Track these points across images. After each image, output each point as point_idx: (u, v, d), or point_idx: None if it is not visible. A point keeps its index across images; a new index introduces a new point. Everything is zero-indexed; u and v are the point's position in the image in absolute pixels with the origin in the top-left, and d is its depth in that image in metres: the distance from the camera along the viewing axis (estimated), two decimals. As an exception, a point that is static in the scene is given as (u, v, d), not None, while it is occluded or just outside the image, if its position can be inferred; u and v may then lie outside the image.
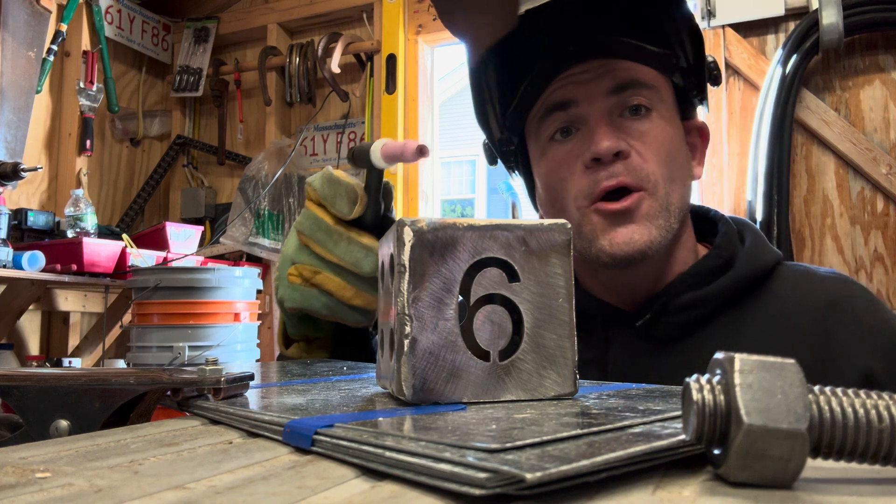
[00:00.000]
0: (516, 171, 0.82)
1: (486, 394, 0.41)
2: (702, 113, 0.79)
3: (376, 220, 0.65)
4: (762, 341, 0.68)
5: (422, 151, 0.58)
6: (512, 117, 0.75)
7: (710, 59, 0.73)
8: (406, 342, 0.39)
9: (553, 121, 0.71)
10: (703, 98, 0.75)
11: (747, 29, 2.14)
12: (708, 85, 0.75)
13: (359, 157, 0.63)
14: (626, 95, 0.68)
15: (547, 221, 0.43)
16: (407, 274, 0.40)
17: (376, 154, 0.61)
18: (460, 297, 0.41)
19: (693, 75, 0.73)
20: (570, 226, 0.43)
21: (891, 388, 0.64)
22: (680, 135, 0.73)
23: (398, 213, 2.50)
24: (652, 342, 0.70)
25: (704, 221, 0.79)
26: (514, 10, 0.65)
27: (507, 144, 0.79)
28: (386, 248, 0.45)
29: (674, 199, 0.69)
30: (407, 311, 0.39)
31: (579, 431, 0.30)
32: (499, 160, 0.82)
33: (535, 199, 0.80)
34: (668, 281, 0.72)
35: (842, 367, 0.65)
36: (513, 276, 0.42)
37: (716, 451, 0.27)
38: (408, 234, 0.40)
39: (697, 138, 0.77)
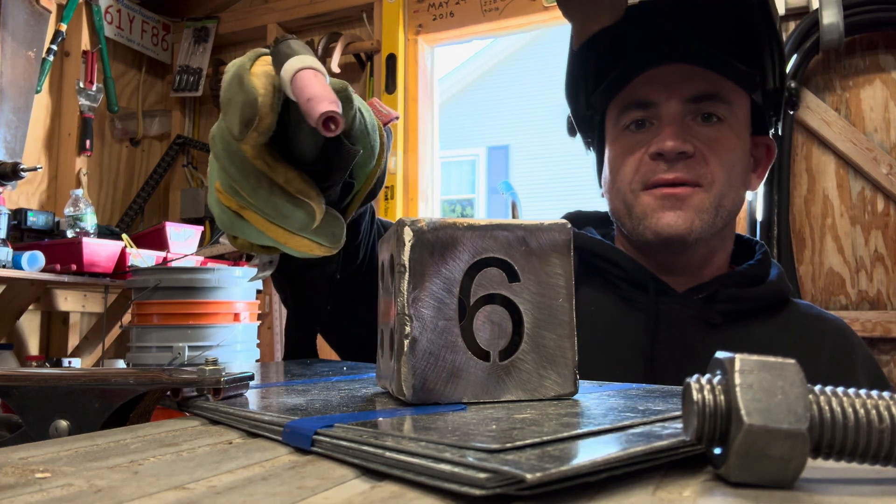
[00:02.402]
0: (592, 147, 0.89)
1: (486, 394, 0.40)
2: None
3: (314, 152, 0.44)
4: (789, 347, 0.75)
5: (328, 125, 0.37)
6: (598, 98, 0.81)
7: (791, 85, 0.78)
8: (406, 342, 0.39)
9: (632, 114, 0.77)
10: (777, 120, 0.81)
11: (747, 29, 2.14)
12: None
13: (275, 57, 0.42)
14: (702, 105, 0.74)
15: (547, 221, 0.42)
16: (407, 274, 0.40)
17: (287, 75, 0.39)
18: (460, 297, 0.41)
19: (772, 97, 0.78)
20: (570, 226, 0.43)
21: None
22: (745, 147, 0.78)
23: (398, 213, 2.49)
24: (700, 323, 0.76)
25: (739, 245, 0.85)
26: (623, 5, 0.70)
27: (589, 121, 0.86)
28: (386, 248, 0.45)
29: (726, 203, 0.75)
30: (407, 311, 0.39)
31: (579, 431, 0.30)
32: (577, 133, 0.90)
33: (600, 177, 0.85)
34: (708, 274, 0.79)
35: (853, 384, 0.72)
36: (513, 276, 0.42)
37: (716, 452, 0.27)
38: (408, 234, 0.40)
39: (763, 153, 0.83)
